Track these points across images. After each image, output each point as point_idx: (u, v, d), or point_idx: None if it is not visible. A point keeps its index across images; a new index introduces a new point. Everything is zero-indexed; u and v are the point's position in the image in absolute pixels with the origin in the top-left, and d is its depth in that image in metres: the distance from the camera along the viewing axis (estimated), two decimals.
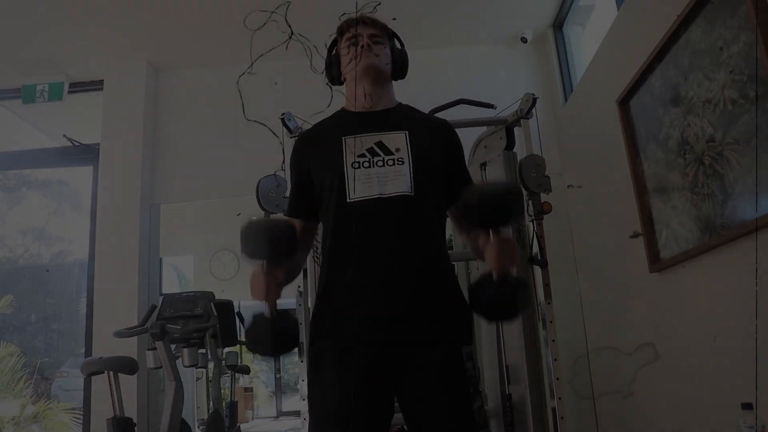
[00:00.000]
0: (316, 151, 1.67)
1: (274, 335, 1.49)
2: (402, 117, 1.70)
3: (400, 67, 1.77)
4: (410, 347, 1.47)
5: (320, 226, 1.70)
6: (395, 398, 1.51)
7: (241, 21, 3.90)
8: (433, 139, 1.67)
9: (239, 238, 1.47)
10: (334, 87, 1.88)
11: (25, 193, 6.81)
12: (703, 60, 2.26)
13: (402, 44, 1.81)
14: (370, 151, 1.60)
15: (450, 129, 1.74)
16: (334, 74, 1.79)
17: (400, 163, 1.57)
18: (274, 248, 1.48)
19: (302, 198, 1.69)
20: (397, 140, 1.61)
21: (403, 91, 1.82)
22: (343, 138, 1.62)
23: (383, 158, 1.58)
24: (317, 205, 1.66)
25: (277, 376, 9.50)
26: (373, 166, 1.57)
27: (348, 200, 1.55)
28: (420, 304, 1.50)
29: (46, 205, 7.19)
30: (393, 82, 1.78)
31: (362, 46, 1.66)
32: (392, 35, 1.79)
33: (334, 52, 1.80)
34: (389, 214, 1.54)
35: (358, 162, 1.58)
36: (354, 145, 1.60)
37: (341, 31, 1.75)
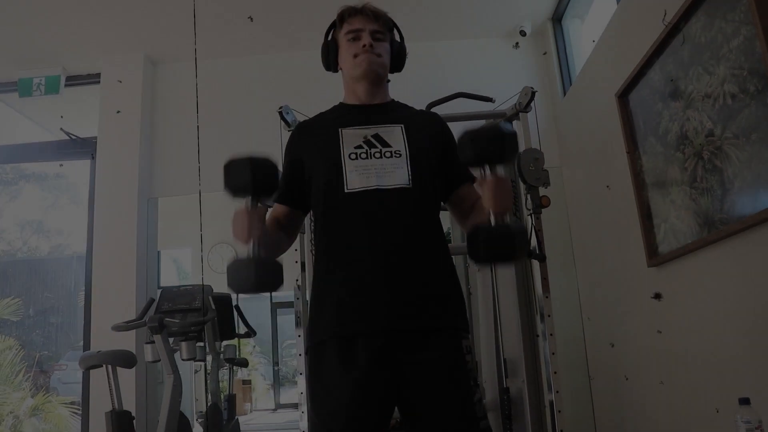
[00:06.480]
0: (312, 141, 1.66)
1: (256, 270, 1.41)
2: (396, 112, 1.70)
3: (397, 61, 1.74)
4: (412, 336, 1.46)
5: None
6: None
7: (239, 14, 3.91)
8: (428, 131, 1.66)
9: (224, 173, 1.42)
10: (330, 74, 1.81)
11: (23, 186, 6.82)
12: (703, 54, 2.25)
13: (402, 36, 1.78)
14: (367, 142, 1.59)
15: (441, 120, 1.74)
16: (330, 62, 1.75)
17: (398, 155, 1.57)
18: (257, 180, 1.41)
19: (291, 185, 1.65)
20: (394, 133, 1.61)
21: (401, 85, 1.80)
22: (340, 129, 1.61)
23: (380, 150, 1.57)
24: (305, 195, 1.64)
25: (276, 368, 9.51)
26: (371, 158, 1.56)
27: (345, 191, 1.53)
28: (421, 293, 1.50)
29: (44, 198, 7.20)
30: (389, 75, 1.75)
31: (364, 45, 1.64)
32: (392, 27, 1.75)
33: (331, 37, 1.76)
34: (389, 206, 1.52)
35: (355, 153, 1.57)
36: (351, 137, 1.60)
37: (342, 18, 1.71)
